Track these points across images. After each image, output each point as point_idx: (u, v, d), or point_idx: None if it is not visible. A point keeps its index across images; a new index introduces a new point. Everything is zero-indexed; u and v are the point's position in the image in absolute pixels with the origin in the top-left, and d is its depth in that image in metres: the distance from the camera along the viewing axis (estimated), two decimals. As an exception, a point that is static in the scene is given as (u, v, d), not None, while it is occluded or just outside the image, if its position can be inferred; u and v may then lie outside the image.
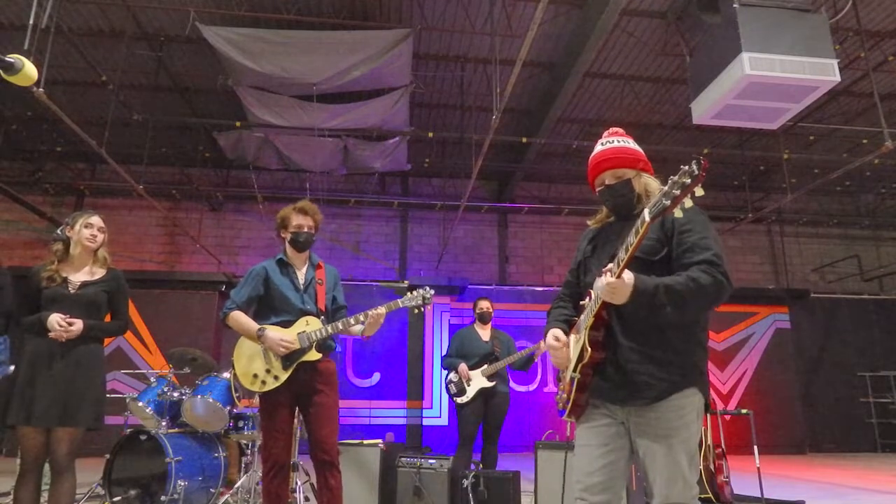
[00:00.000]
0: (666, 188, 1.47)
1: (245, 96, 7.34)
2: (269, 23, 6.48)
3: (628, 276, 1.63)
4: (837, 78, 5.12)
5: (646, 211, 1.54)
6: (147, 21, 6.83)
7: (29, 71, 1.56)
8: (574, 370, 1.83)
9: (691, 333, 1.79)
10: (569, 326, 2.00)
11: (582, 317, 1.87)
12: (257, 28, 6.46)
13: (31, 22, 4.43)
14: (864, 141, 8.80)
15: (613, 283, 1.62)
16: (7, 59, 1.53)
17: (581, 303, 1.91)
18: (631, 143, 1.98)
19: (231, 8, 6.40)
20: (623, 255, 1.62)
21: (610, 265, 1.67)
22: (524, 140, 8.26)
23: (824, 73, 5.10)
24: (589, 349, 1.76)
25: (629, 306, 1.67)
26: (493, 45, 5.86)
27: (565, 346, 1.92)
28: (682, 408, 1.72)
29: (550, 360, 2.01)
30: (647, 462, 1.73)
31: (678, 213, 1.48)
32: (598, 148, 1.99)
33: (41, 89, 4.55)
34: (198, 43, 6.79)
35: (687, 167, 1.42)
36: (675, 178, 1.45)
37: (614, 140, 1.98)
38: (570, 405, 1.85)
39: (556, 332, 1.95)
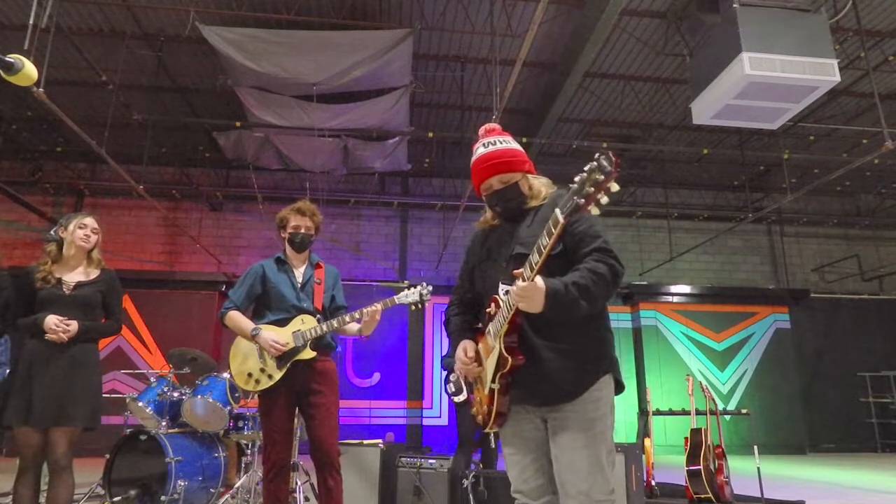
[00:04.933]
0: (576, 185, 1.43)
1: (245, 96, 7.34)
2: (269, 23, 6.49)
3: (539, 280, 1.60)
4: (837, 78, 5.13)
5: (557, 211, 1.49)
6: (147, 21, 6.83)
7: (29, 71, 1.56)
8: (492, 381, 1.77)
9: (598, 321, 1.80)
10: (473, 334, 1.94)
11: (491, 325, 1.80)
12: (257, 28, 6.46)
13: (31, 22, 4.43)
14: (865, 141, 8.80)
15: (528, 286, 1.58)
16: (7, 59, 1.53)
17: (487, 310, 1.82)
18: (513, 143, 1.92)
19: (231, 8, 6.41)
20: (537, 258, 1.58)
21: (520, 270, 1.62)
22: (524, 140, 8.25)
23: (824, 73, 5.10)
24: (508, 357, 1.71)
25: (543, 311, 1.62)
26: (493, 45, 5.86)
27: (475, 364, 1.86)
28: (597, 399, 1.74)
29: (461, 373, 1.92)
30: (565, 459, 1.71)
31: (595, 210, 1.44)
32: (481, 151, 1.91)
33: (41, 89, 4.54)
34: (198, 43, 6.79)
35: (595, 163, 1.38)
36: (585, 174, 1.40)
37: (496, 141, 1.90)
38: (492, 417, 1.80)
39: (466, 345, 1.89)
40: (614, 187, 1.39)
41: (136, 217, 9.98)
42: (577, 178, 1.43)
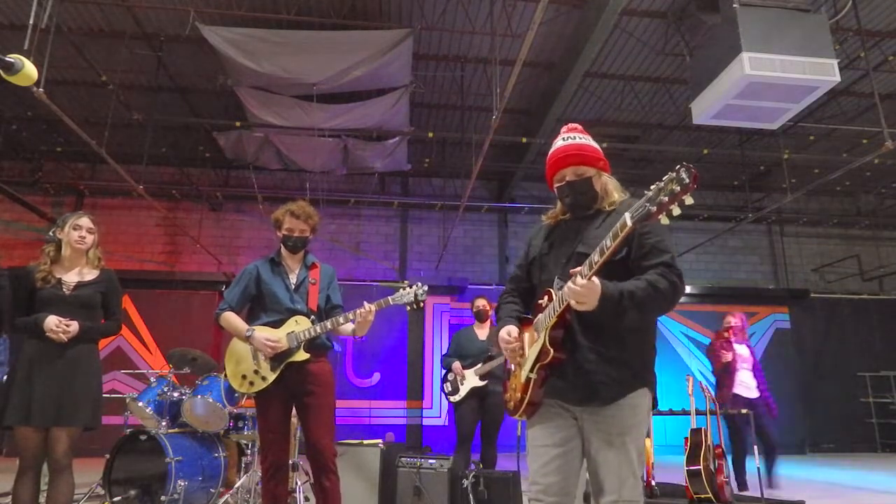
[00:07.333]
0: (651, 193, 1.46)
1: (245, 96, 7.34)
2: (269, 23, 6.48)
3: (596, 280, 1.62)
4: (837, 78, 5.12)
5: (627, 215, 1.52)
6: (147, 21, 6.83)
7: (29, 71, 1.56)
8: (531, 370, 1.81)
9: (645, 334, 1.83)
10: (520, 323, 1.97)
11: (540, 316, 1.84)
12: (257, 28, 6.46)
13: (31, 22, 4.42)
14: (865, 141, 8.79)
15: (585, 285, 1.60)
16: (7, 59, 1.53)
17: (539, 302, 1.86)
18: (591, 141, 1.97)
19: (231, 8, 6.40)
20: (597, 258, 1.61)
21: (579, 268, 1.65)
22: (524, 140, 8.25)
23: (824, 73, 5.10)
24: (550, 350, 1.75)
25: (594, 311, 1.65)
26: (493, 45, 5.86)
27: (518, 344, 1.89)
28: (635, 406, 1.77)
29: (505, 354, 1.97)
30: (600, 460, 1.75)
31: (664, 220, 1.47)
32: (559, 143, 1.97)
33: (41, 89, 4.54)
34: (198, 43, 6.78)
35: (675, 174, 1.41)
36: (661, 183, 1.44)
37: (575, 136, 1.96)
38: (524, 405, 1.83)
39: (509, 328, 1.92)
40: (689, 200, 1.42)
41: (136, 217, 9.98)
42: (652, 186, 1.46)
